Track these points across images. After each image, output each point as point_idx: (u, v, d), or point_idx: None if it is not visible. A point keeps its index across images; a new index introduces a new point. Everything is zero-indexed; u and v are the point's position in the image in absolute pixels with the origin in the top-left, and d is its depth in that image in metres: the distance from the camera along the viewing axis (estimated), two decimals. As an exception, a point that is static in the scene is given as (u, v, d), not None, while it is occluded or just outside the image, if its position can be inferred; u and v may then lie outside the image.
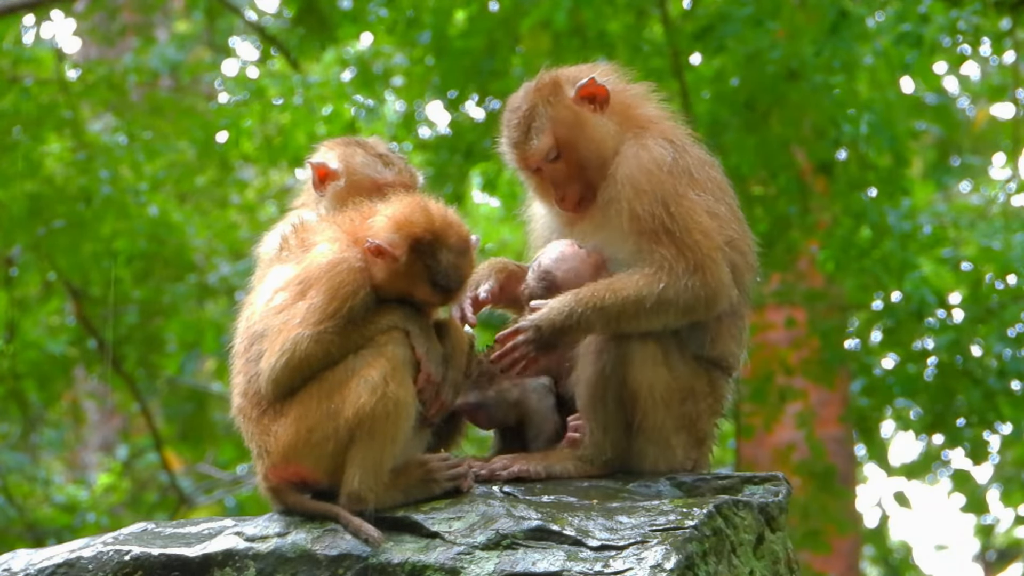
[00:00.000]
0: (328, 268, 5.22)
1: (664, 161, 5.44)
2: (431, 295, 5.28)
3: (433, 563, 4.98)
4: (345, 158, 5.72)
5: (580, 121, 5.55)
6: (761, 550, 5.23)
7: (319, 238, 5.35)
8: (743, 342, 5.60)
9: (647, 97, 5.72)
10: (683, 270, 5.34)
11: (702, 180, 5.49)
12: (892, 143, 11.91)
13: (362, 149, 5.75)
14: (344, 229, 5.34)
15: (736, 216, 5.55)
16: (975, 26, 12.02)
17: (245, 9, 16.55)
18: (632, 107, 5.64)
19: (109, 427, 20.32)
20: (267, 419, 5.22)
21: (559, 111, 5.56)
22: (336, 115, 14.04)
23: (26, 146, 13.87)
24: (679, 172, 5.45)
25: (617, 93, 5.62)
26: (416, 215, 5.26)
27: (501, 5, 12.90)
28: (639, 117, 5.61)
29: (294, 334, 5.15)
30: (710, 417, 5.52)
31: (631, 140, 5.52)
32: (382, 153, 5.76)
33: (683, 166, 5.46)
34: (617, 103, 5.60)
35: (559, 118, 5.56)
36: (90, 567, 5.19)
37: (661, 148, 5.48)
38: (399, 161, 5.77)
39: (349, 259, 5.24)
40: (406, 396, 5.16)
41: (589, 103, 5.56)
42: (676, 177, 5.43)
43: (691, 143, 5.61)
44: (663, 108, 5.72)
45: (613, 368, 5.36)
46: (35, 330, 15.12)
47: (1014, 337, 12.07)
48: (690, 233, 5.37)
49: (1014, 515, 19.79)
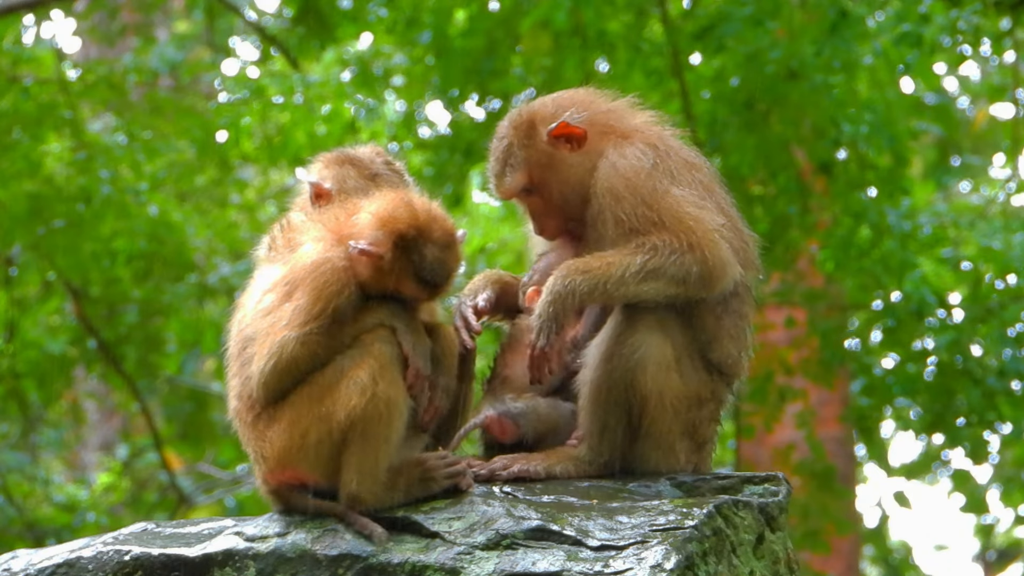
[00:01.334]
0: (312, 268, 5.22)
1: (642, 166, 5.44)
2: (417, 290, 5.27)
3: (433, 563, 4.98)
4: (338, 180, 5.73)
5: (553, 162, 5.57)
6: (761, 550, 5.23)
7: (304, 238, 5.35)
8: (746, 345, 5.56)
9: (631, 110, 5.70)
10: (675, 248, 5.32)
11: (686, 181, 5.47)
12: (892, 143, 11.91)
13: (355, 169, 5.76)
14: (328, 228, 5.33)
15: (727, 215, 5.53)
16: (975, 26, 12.02)
17: (245, 9, 16.55)
18: (614, 124, 5.62)
19: (109, 427, 20.33)
20: (262, 424, 5.22)
21: (531, 153, 5.58)
22: (336, 115, 14.05)
23: (26, 146, 13.88)
24: (659, 174, 5.43)
25: (596, 121, 5.60)
26: (400, 211, 5.26)
27: (501, 5, 12.90)
28: (621, 130, 5.60)
29: (280, 337, 5.16)
30: (710, 423, 5.52)
31: (610, 150, 5.51)
32: (376, 173, 5.77)
33: (664, 168, 5.45)
34: (597, 130, 5.59)
35: (532, 160, 5.58)
36: (90, 567, 5.19)
37: (640, 153, 5.47)
38: (393, 176, 5.78)
39: (333, 258, 5.23)
40: (397, 395, 5.15)
41: (565, 142, 5.57)
42: (656, 178, 5.42)
43: (678, 147, 5.59)
44: (650, 116, 5.70)
45: (623, 373, 5.35)
46: (35, 330, 15.12)
47: (1014, 337, 12.07)
48: (681, 220, 5.36)
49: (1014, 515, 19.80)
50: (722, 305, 5.47)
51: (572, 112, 5.59)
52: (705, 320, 5.45)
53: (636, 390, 5.34)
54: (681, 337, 5.40)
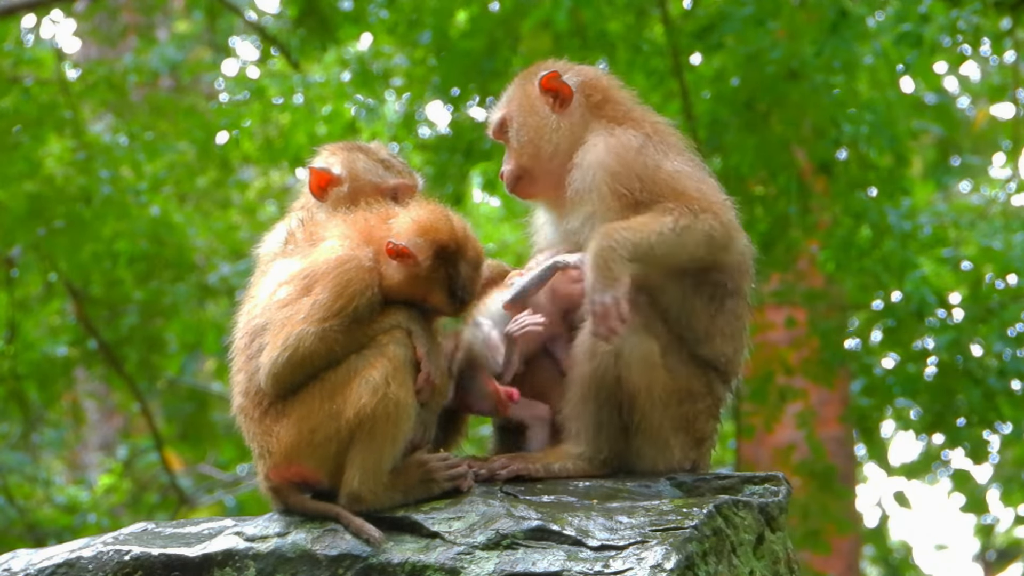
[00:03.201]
0: (337, 265, 5.20)
1: (632, 144, 5.50)
2: (446, 304, 5.27)
3: (433, 563, 4.98)
4: (348, 163, 5.71)
5: (534, 110, 5.68)
6: (761, 550, 5.24)
7: (328, 234, 5.32)
8: (742, 345, 5.57)
9: (633, 101, 5.76)
10: (695, 209, 5.35)
11: (680, 159, 5.52)
12: (892, 143, 11.91)
13: (364, 154, 5.75)
14: (357, 228, 5.31)
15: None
16: (975, 26, 12.02)
17: (245, 9, 16.55)
18: (611, 105, 5.69)
19: (109, 427, 20.33)
20: (269, 419, 5.21)
21: (518, 94, 5.76)
22: (336, 115, 14.05)
23: (26, 146, 13.88)
24: (650, 152, 5.49)
25: (591, 95, 5.68)
26: (441, 222, 5.27)
27: (502, 5, 12.90)
28: (616, 114, 5.66)
29: (298, 329, 5.14)
30: (708, 418, 5.53)
31: (599, 130, 5.59)
32: (384, 158, 5.75)
33: (655, 148, 5.50)
34: (591, 104, 5.67)
35: (515, 100, 5.75)
36: (90, 567, 5.19)
37: (630, 134, 5.54)
38: (400, 165, 5.77)
39: (359, 257, 5.22)
40: (407, 397, 5.15)
41: (552, 98, 5.67)
42: (647, 155, 5.48)
43: (672, 137, 5.63)
44: (649, 111, 5.75)
45: (608, 370, 5.36)
46: (36, 331, 15.13)
47: (1014, 337, 12.08)
48: (685, 190, 5.41)
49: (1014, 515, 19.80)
50: (717, 304, 5.49)
51: (572, 75, 5.71)
52: (698, 319, 5.46)
53: (623, 387, 5.36)
54: (667, 335, 5.42)
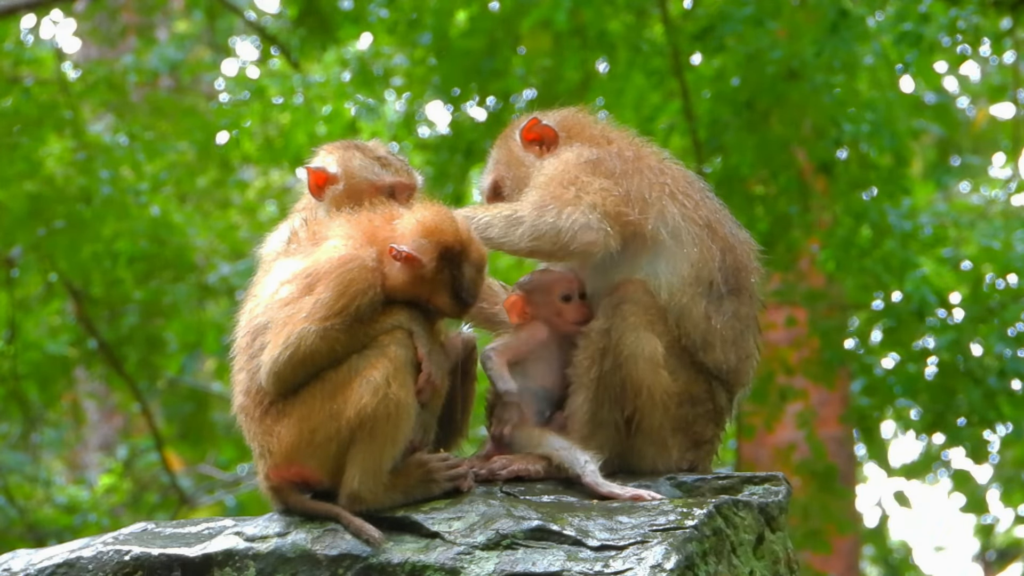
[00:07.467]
0: (339, 264, 5.20)
1: (582, 157, 5.54)
2: (450, 306, 5.27)
3: (433, 563, 4.98)
4: (343, 162, 5.70)
5: (518, 162, 5.73)
6: (761, 550, 5.23)
7: (331, 233, 5.32)
8: (747, 352, 5.55)
9: (609, 127, 5.79)
10: (540, 206, 5.42)
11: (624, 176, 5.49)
12: (892, 143, 11.91)
13: (360, 152, 5.74)
14: (360, 228, 5.31)
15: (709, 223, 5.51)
16: (975, 26, 12.03)
17: (245, 9, 16.55)
18: (587, 132, 5.73)
19: (109, 427, 20.33)
20: (269, 419, 5.21)
21: (504, 154, 5.80)
22: (336, 115, 14.06)
23: (26, 146, 13.88)
24: (593, 166, 5.50)
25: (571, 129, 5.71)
26: (445, 224, 5.26)
27: (502, 5, 12.91)
28: (589, 136, 5.70)
29: (300, 328, 5.13)
30: (708, 422, 5.52)
31: (566, 147, 5.64)
32: (380, 156, 5.74)
33: (606, 165, 5.51)
34: (572, 134, 5.70)
35: (502, 160, 5.80)
36: (90, 567, 5.19)
37: (587, 149, 5.58)
38: (398, 163, 5.76)
39: (362, 257, 5.22)
40: (407, 397, 5.15)
41: (537, 146, 5.71)
42: (585, 169, 5.49)
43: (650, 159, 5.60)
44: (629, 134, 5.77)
45: (613, 369, 5.37)
46: (36, 331, 15.12)
47: (1014, 337, 12.08)
48: (559, 188, 5.44)
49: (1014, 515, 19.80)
50: (713, 305, 5.48)
51: (549, 118, 5.75)
52: (694, 321, 5.45)
53: (627, 384, 5.37)
54: (668, 336, 5.42)
